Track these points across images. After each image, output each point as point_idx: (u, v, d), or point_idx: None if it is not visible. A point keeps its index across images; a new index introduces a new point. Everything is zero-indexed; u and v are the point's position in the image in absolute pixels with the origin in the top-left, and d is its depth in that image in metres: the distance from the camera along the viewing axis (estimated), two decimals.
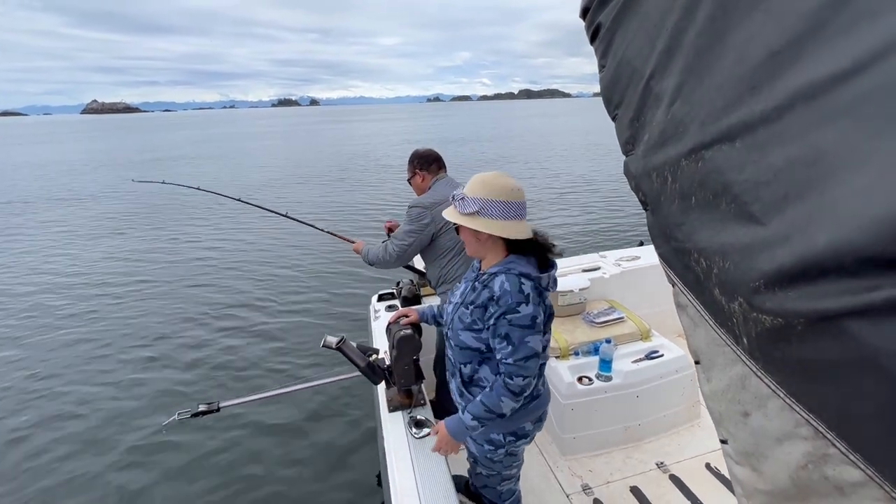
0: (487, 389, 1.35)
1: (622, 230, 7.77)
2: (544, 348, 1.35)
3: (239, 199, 3.30)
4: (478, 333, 1.37)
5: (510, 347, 1.27)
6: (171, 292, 5.71)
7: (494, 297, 1.28)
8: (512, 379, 1.28)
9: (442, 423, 1.47)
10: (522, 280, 1.28)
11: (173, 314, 5.09)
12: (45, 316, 5.19)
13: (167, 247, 7.58)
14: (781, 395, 0.51)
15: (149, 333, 4.68)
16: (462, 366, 1.46)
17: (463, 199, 1.30)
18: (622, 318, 2.62)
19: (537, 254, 1.35)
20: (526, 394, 1.32)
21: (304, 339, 4.44)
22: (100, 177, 16.14)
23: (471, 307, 1.37)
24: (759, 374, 0.53)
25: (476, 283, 1.39)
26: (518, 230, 1.30)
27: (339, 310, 5.08)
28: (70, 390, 3.81)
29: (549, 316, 1.38)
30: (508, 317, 1.26)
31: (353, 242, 2.54)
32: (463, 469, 1.79)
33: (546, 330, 1.36)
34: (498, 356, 1.32)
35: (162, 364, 4.12)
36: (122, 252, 7.41)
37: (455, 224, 1.35)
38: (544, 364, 1.43)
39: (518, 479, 1.70)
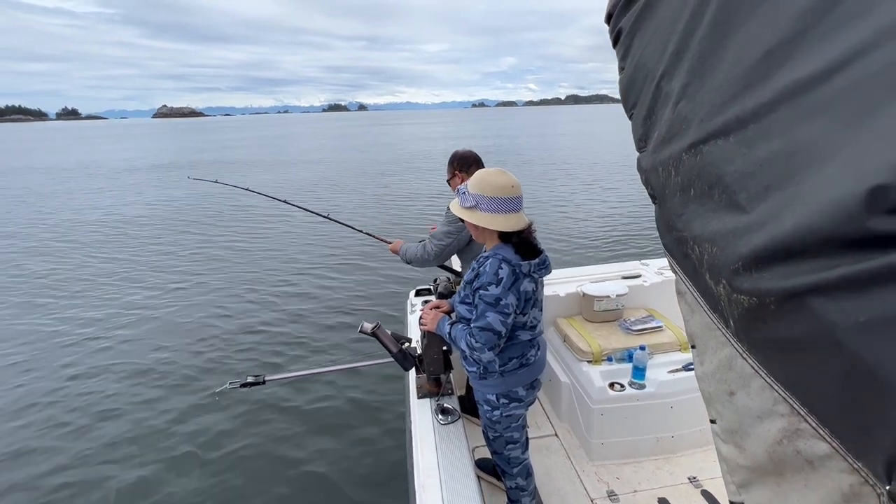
0: (463, 326, 1.59)
1: None
2: (521, 328, 1.58)
3: (285, 201, 3.43)
4: (469, 306, 1.59)
5: (475, 315, 1.51)
6: (228, 279, 6.22)
7: (478, 275, 1.52)
8: (471, 336, 1.50)
9: (443, 315, 1.73)
10: (502, 265, 1.47)
11: (230, 299, 5.56)
12: (116, 291, 5.81)
13: (223, 241, 8.16)
14: (762, 374, 0.54)
15: (207, 315, 5.14)
16: None
17: (464, 193, 1.53)
18: (660, 326, 2.56)
19: (523, 243, 1.53)
20: (476, 357, 1.51)
21: (344, 327, 4.72)
22: (170, 173, 17.64)
23: (466, 284, 1.60)
24: (744, 355, 0.57)
25: (475, 264, 1.59)
26: (508, 223, 1.49)
27: (379, 303, 5.34)
28: (140, 355, 4.33)
29: (528, 300, 1.55)
30: (480, 292, 1.49)
31: (390, 243, 2.59)
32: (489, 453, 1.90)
33: (522, 312, 1.55)
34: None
35: (218, 341, 4.56)
36: (186, 242, 8.09)
37: None
38: (534, 337, 1.65)
39: (525, 449, 1.83)
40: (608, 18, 0.90)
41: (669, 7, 0.72)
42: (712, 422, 0.64)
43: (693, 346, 0.68)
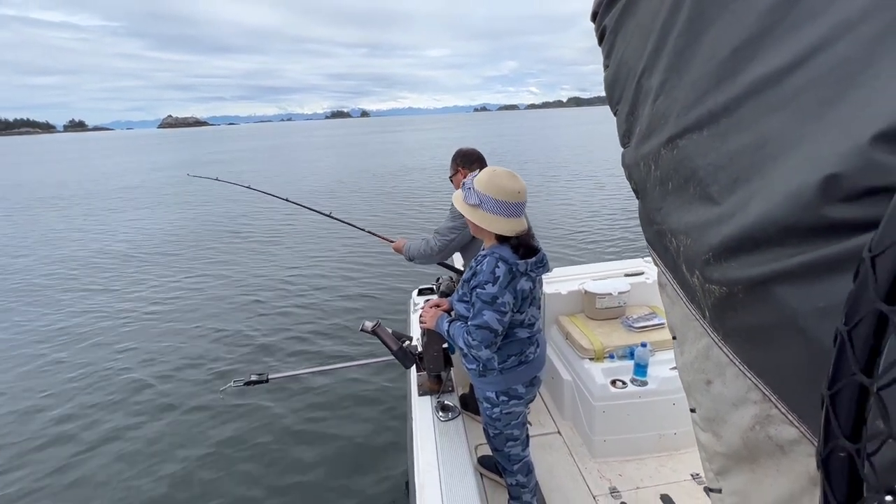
0: (461, 324, 1.59)
1: None
2: (519, 326, 1.59)
3: (286, 199, 3.37)
4: (466, 305, 1.59)
5: (472, 313, 1.52)
6: (232, 280, 6.33)
7: (475, 274, 1.52)
8: (469, 334, 1.51)
9: (443, 313, 1.73)
10: (499, 263, 1.47)
11: (234, 298, 5.66)
12: (124, 296, 5.90)
13: (227, 242, 8.25)
14: (736, 362, 0.55)
15: (211, 314, 5.24)
16: None
17: (470, 189, 1.51)
18: (663, 323, 2.55)
19: (520, 244, 1.53)
20: (474, 354, 1.52)
21: (347, 326, 4.80)
22: (175, 180, 17.85)
23: (464, 283, 1.60)
24: (719, 344, 0.58)
25: (473, 262, 1.59)
26: (508, 227, 1.49)
27: (382, 302, 5.40)
28: (144, 353, 4.43)
29: (525, 299, 1.56)
30: (477, 290, 1.50)
31: (392, 242, 2.57)
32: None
33: (519, 310, 1.56)
34: None
35: (223, 340, 4.66)
36: (190, 244, 8.20)
37: None
38: (533, 335, 1.65)
39: (526, 446, 1.83)
40: (594, 16, 0.91)
41: (649, 4, 0.73)
42: (692, 411, 0.66)
43: (674, 338, 0.69)
